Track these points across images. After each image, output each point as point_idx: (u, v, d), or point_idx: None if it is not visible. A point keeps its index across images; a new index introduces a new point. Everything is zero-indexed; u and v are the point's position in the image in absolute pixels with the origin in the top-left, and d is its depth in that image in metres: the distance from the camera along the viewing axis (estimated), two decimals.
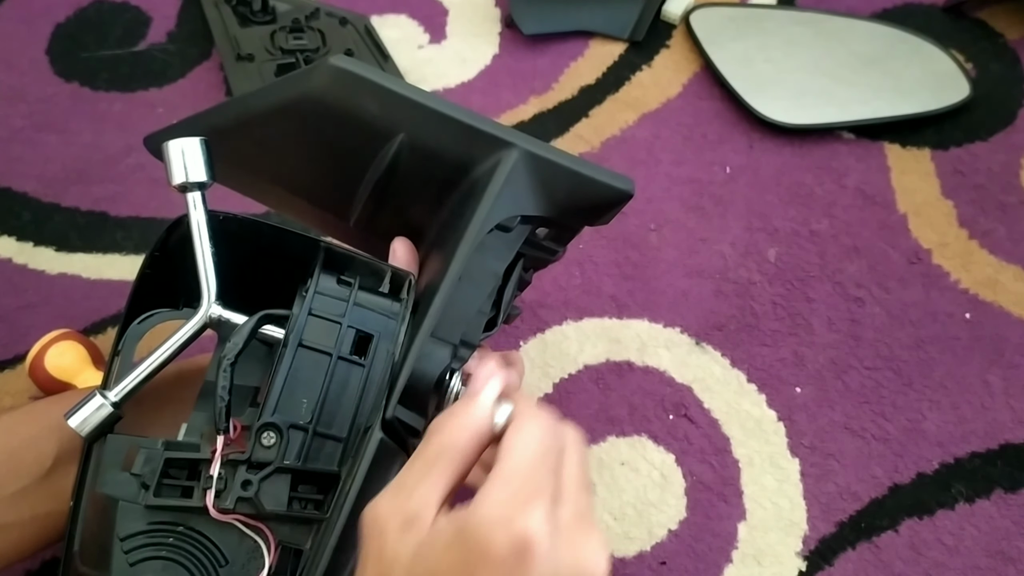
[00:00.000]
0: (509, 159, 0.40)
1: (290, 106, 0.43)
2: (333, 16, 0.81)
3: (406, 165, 0.42)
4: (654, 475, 0.57)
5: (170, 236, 0.42)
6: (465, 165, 0.41)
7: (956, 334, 0.62)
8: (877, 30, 0.80)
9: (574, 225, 0.44)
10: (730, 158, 0.73)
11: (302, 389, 0.38)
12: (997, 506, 0.55)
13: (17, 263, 0.66)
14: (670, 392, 0.60)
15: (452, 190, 0.42)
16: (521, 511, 0.28)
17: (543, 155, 0.41)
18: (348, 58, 0.40)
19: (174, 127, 0.46)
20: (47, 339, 0.57)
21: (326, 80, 0.41)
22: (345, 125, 0.42)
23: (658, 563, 0.53)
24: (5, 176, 0.71)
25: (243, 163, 0.46)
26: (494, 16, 0.84)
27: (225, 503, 0.36)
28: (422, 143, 0.41)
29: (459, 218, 0.40)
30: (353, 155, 0.43)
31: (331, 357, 0.38)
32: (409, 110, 0.40)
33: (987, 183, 0.71)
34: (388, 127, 0.41)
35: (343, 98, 0.41)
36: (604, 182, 0.42)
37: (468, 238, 0.39)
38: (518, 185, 0.40)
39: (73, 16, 0.82)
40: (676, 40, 0.81)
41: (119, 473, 0.38)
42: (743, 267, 0.66)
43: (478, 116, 0.41)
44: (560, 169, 0.41)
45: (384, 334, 0.39)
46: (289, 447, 0.37)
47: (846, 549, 0.54)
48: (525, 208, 0.41)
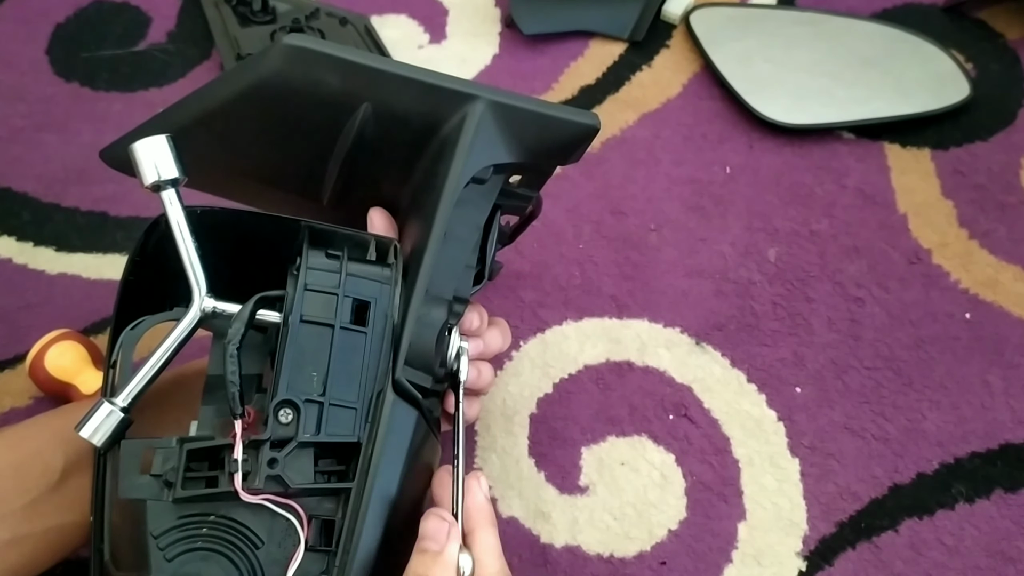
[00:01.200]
0: (475, 111, 0.40)
1: (248, 92, 0.42)
2: (333, 16, 0.81)
3: (373, 134, 0.42)
4: (654, 475, 0.57)
5: (148, 239, 0.42)
6: (432, 125, 0.41)
7: (956, 334, 0.62)
8: (877, 30, 0.80)
9: (546, 167, 0.45)
10: (730, 158, 0.73)
11: (309, 363, 0.38)
12: (997, 506, 0.55)
13: (17, 263, 0.66)
14: (670, 392, 0.60)
15: (421, 153, 0.43)
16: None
17: (507, 102, 0.41)
18: (301, 35, 0.40)
19: (132, 133, 0.45)
20: (47, 339, 0.57)
21: (281, 60, 0.40)
22: (306, 103, 0.42)
23: (658, 563, 0.53)
24: (5, 176, 0.71)
25: (207, 159, 0.46)
26: (494, 16, 0.84)
27: (254, 484, 0.37)
28: (387, 109, 0.41)
29: (433, 178, 0.41)
30: (318, 132, 0.43)
31: (332, 328, 0.38)
32: (370, 78, 0.40)
33: (987, 183, 0.71)
34: (350, 98, 0.41)
35: (301, 76, 0.41)
36: (570, 119, 0.42)
37: (447, 195, 0.39)
38: (487, 135, 0.41)
39: (73, 16, 0.83)
40: (676, 40, 0.81)
41: (139, 476, 0.38)
42: (743, 267, 0.66)
43: (439, 74, 0.41)
44: (526, 113, 0.41)
45: (380, 300, 0.40)
46: (306, 421, 0.37)
47: (846, 549, 0.54)
48: (498, 157, 0.41)
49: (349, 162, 0.44)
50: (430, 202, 0.40)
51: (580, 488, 0.56)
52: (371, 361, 0.39)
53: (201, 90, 0.44)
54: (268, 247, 0.42)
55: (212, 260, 0.41)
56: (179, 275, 0.41)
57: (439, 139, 0.42)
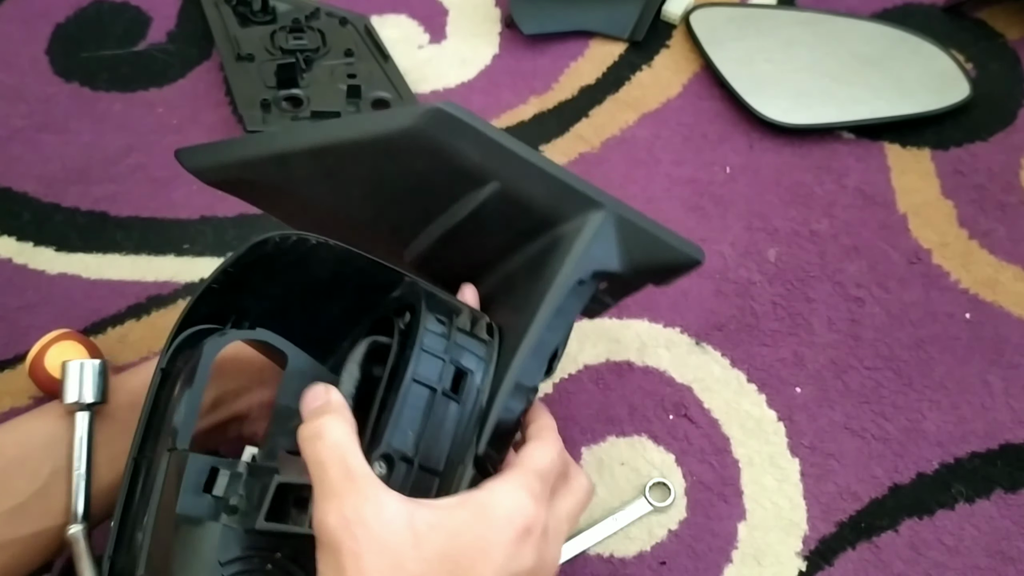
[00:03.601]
0: (598, 218, 0.42)
1: (382, 140, 0.43)
2: (333, 16, 0.81)
3: (491, 212, 0.44)
4: (654, 475, 0.57)
5: (248, 255, 0.41)
6: (552, 219, 0.43)
7: (956, 334, 0.62)
8: (877, 30, 0.80)
9: (640, 284, 0.47)
10: (730, 158, 0.73)
11: (408, 421, 0.38)
12: (997, 506, 0.55)
13: (17, 263, 0.66)
14: (670, 392, 0.60)
15: (531, 240, 0.44)
16: (533, 504, 0.36)
17: (630, 218, 0.44)
18: (456, 105, 0.42)
19: (227, 143, 0.46)
20: (47, 339, 0.57)
21: (427, 121, 0.42)
22: (437, 166, 0.43)
23: (658, 563, 0.53)
24: (5, 176, 0.71)
25: (301, 187, 0.46)
26: (494, 16, 0.84)
27: None
28: (515, 194, 0.43)
29: (541, 268, 0.43)
30: (434, 196, 0.44)
31: (435, 392, 0.39)
32: (509, 162, 0.42)
33: (987, 183, 0.71)
34: (483, 174, 0.43)
35: (444, 142, 0.42)
36: (680, 249, 0.45)
37: (554, 292, 0.41)
38: (604, 244, 0.43)
39: (73, 16, 0.83)
40: (676, 40, 0.81)
41: (199, 495, 0.37)
42: (743, 267, 0.66)
43: (573, 175, 0.43)
44: (643, 233, 0.44)
45: (475, 373, 0.41)
46: (394, 478, 0.37)
47: (846, 549, 0.54)
48: (607, 265, 0.43)
49: (453, 230, 0.45)
50: (533, 291, 0.42)
51: None
52: (458, 431, 0.39)
53: (326, 123, 0.46)
54: (343, 285, 0.43)
55: (288, 288, 0.42)
56: (254, 293, 0.42)
57: (555, 234, 0.43)
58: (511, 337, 0.41)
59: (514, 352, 0.41)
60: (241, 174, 0.47)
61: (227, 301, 0.43)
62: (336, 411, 0.36)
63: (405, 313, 0.42)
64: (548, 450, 0.39)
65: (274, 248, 0.41)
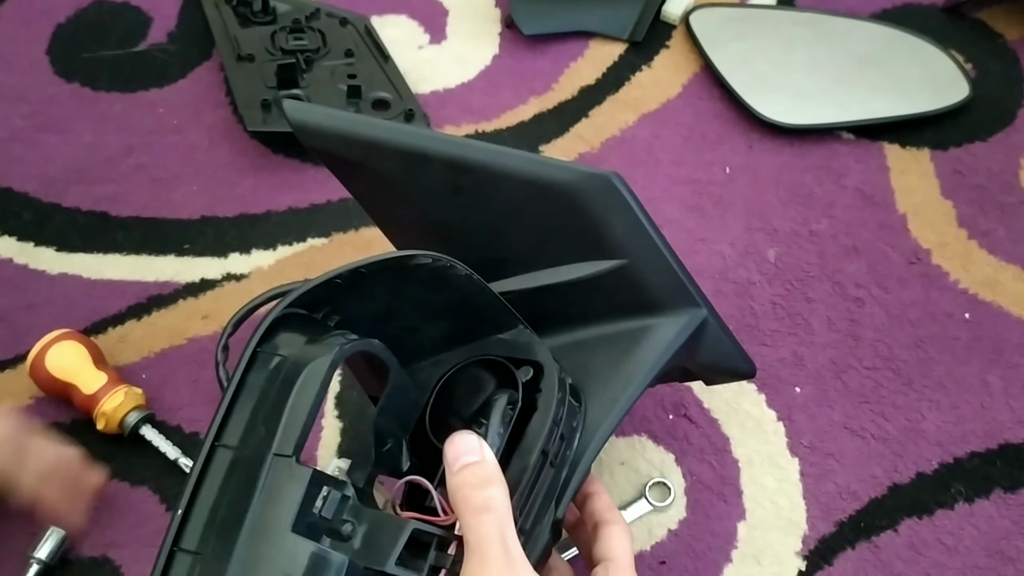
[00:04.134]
0: (697, 318, 0.44)
1: (535, 183, 0.43)
2: (333, 16, 0.81)
3: (605, 283, 0.45)
4: (654, 475, 0.57)
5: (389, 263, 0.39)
6: (656, 307, 0.45)
7: (955, 334, 0.63)
8: (876, 30, 0.80)
9: (694, 379, 0.50)
10: (730, 158, 0.73)
11: (525, 488, 0.39)
12: (996, 506, 0.55)
13: (18, 263, 0.66)
14: (669, 392, 0.60)
15: (625, 318, 0.45)
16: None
17: (718, 327, 0.45)
18: (621, 178, 0.43)
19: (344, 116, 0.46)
20: (48, 339, 0.57)
21: (593, 185, 0.43)
22: (577, 227, 0.44)
23: (658, 563, 0.54)
24: (6, 176, 0.71)
25: (415, 189, 0.46)
26: (494, 16, 0.84)
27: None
28: (636, 275, 0.44)
29: (632, 346, 0.44)
30: (560, 249, 0.45)
31: (547, 459, 0.39)
32: (646, 245, 0.44)
33: (986, 183, 0.71)
34: (618, 249, 0.44)
35: (597, 208, 0.43)
36: (744, 362, 0.48)
37: (646, 375, 0.43)
38: (690, 342, 0.45)
39: (73, 16, 0.83)
40: (676, 40, 0.82)
41: (309, 512, 0.34)
42: (742, 267, 0.66)
43: (686, 270, 0.45)
44: (722, 341, 0.46)
45: (569, 440, 0.41)
46: None
47: (845, 549, 0.54)
48: (685, 361, 0.46)
49: (558, 286, 0.46)
50: (618, 370, 0.43)
51: None
52: (548, 495, 0.40)
53: (477, 143, 0.45)
54: (457, 313, 0.43)
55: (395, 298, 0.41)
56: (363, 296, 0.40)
57: (652, 321, 0.45)
58: (590, 406, 0.43)
59: (596, 426, 0.42)
60: (356, 154, 0.46)
61: (331, 295, 0.40)
62: (500, 481, 0.36)
63: (525, 368, 0.42)
64: (625, 535, 0.42)
65: (417, 265, 0.39)
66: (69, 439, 0.58)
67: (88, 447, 0.57)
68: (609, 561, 0.41)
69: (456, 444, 0.37)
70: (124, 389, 0.56)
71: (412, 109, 0.73)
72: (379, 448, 0.41)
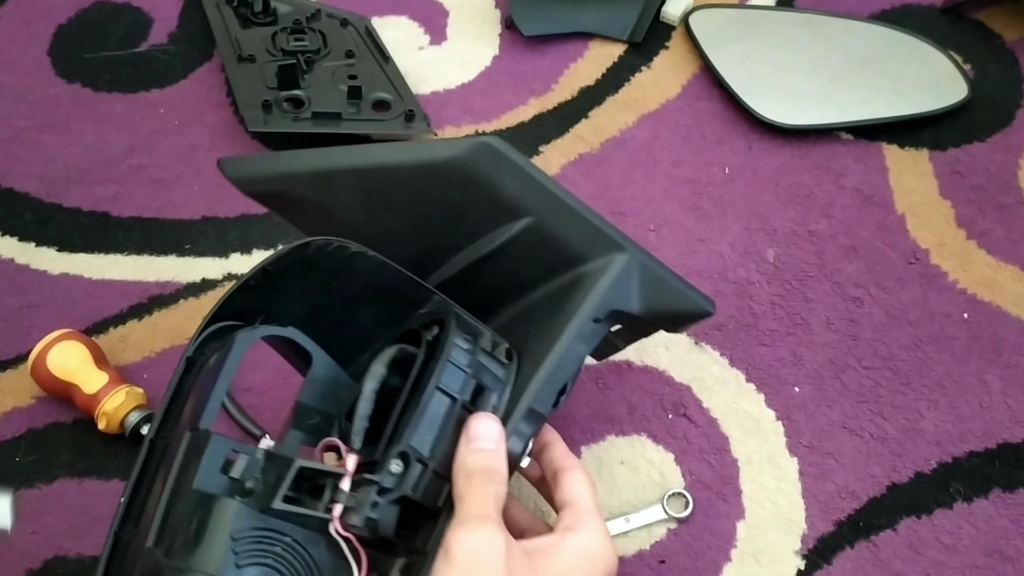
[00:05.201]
0: (621, 261, 0.45)
1: (426, 167, 0.46)
2: (334, 17, 0.81)
3: (521, 246, 0.46)
4: (653, 474, 0.57)
5: (289, 255, 0.43)
6: (578, 258, 0.46)
7: (954, 334, 0.63)
8: (875, 31, 0.81)
9: (651, 330, 0.50)
10: (729, 159, 0.73)
11: (426, 426, 0.40)
12: (995, 505, 0.55)
13: (19, 263, 0.66)
14: (669, 391, 0.60)
15: (554, 276, 0.47)
16: (610, 543, 0.42)
17: (649, 264, 0.46)
18: (501, 140, 0.44)
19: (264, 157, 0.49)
20: (49, 339, 0.58)
21: (476, 154, 0.44)
22: (476, 198, 0.45)
23: (657, 562, 0.54)
24: (7, 177, 0.71)
25: (337, 207, 0.49)
26: (494, 17, 0.84)
27: (352, 520, 0.37)
28: (546, 231, 0.45)
29: (562, 302, 0.45)
30: (469, 225, 0.47)
31: (455, 402, 0.41)
32: (545, 199, 0.45)
33: (985, 183, 0.71)
34: (519, 209, 0.45)
35: (486, 174, 0.45)
36: (694, 299, 0.48)
37: (573, 326, 0.43)
38: (623, 285, 0.45)
39: (75, 17, 0.83)
40: (675, 41, 0.82)
41: (218, 475, 0.38)
42: (742, 267, 0.66)
43: (602, 218, 0.46)
44: (662, 280, 0.46)
45: (493, 391, 0.43)
46: (409, 477, 0.39)
47: (844, 548, 0.54)
48: (624, 305, 0.45)
49: (481, 260, 0.47)
50: (551, 324, 0.44)
51: None
52: None
53: (373, 145, 0.49)
54: (375, 297, 0.45)
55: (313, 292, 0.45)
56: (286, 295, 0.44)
57: (578, 272, 0.46)
58: (527, 364, 0.44)
59: (530, 378, 0.43)
60: (281, 187, 0.49)
61: (259, 300, 0.44)
62: (504, 472, 0.40)
63: (432, 327, 0.44)
64: (584, 480, 0.44)
65: (315, 251, 0.42)
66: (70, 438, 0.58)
67: (89, 447, 0.57)
68: (572, 505, 0.42)
69: (479, 425, 0.41)
70: (125, 389, 0.56)
71: (412, 110, 0.73)
72: (301, 422, 0.43)
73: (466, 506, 0.38)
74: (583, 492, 0.43)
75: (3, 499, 0.45)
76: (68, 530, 0.55)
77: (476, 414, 0.41)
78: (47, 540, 0.54)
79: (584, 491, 0.43)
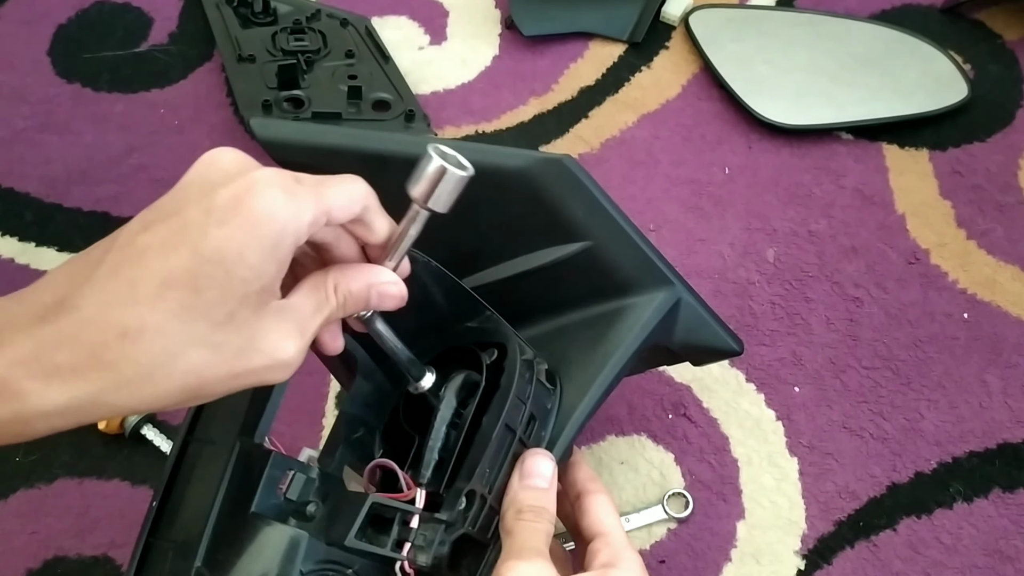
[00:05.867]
0: (669, 296, 0.45)
1: (492, 173, 0.43)
2: (334, 17, 0.81)
3: (573, 267, 0.45)
4: (653, 474, 0.57)
5: None
6: (626, 288, 0.45)
7: (954, 334, 0.63)
8: (875, 31, 0.80)
9: (679, 360, 0.49)
10: (729, 159, 0.73)
11: (487, 460, 0.39)
12: (995, 505, 0.55)
13: (19, 263, 0.66)
14: (669, 391, 0.60)
15: (600, 302, 0.46)
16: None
17: (694, 304, 0.46)
18: (575, 161, 0.44)
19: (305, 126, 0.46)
20: None
21: (548, 170, 0.43)
22: (538, 213, 0.44)
23: (657, 562, 0.54)
24: (7, 177, 0.71)
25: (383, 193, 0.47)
26: (494, 17, 0.84)
27: (420, 560, 0.37)
28: (602, 257, 0.45)
29: (606, 330, 0.45)
30: (525, 238, 0.46)
31: (515, 435, 0.40)
32: (607, 226, 0.44)
33: (985, 183, 0.71)
34: (579, 232, 0.44)
35: (555, 192, 0.44)
36: (727, 339, 0.48)
37: (619, 357, 0.43)
38: (666, 320, 0.45)
39: (75, 17, 0.83)
40: (675, 41, 0.82)
41: (274, 495, 0.37)
42: (742, 267, 0.66)
43: (656, 250, 0.45)
44: (701, 319, 0.46)
45: (544, 419, 0.42)
46: (472, 514, 0.38)
47: (844, 548, 0.54)
48: (663, 340, 0.46)
49: (529, 273, 0.46)
50: (594, 352, 0.44)
51: None
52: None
53: (430, 138, 0.46)
54: (424, 304, 0.43)
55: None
56: None
57: (624, 302, 0.45)
58: (569, 392, 0.43)
59: (573, 409, 0.42)
60: (318, 162, 0.46)
61: None
62: (553, 510, 0.40)
63: (490, 349, 0.43)
64: (610, 505, 0.42)
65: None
66: (70, 438, 0.58)
67: (89, 447, 0.57)
68: (605, 535, 0.41)
69: (536, 463, 0.40)
70: None
71: (412, 110, 0.73)
72: (349, 435, 0.42)
73: (517, 540, 0.38)
74: (613, 522, 0.41)
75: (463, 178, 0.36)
76: (68, 530, 0.55)
77: (532, 450, 0.40)
78: (47, 540, 0.54)
79: (614, 521, 0.42)
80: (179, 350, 0.29)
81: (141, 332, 0.28)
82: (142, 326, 0.28)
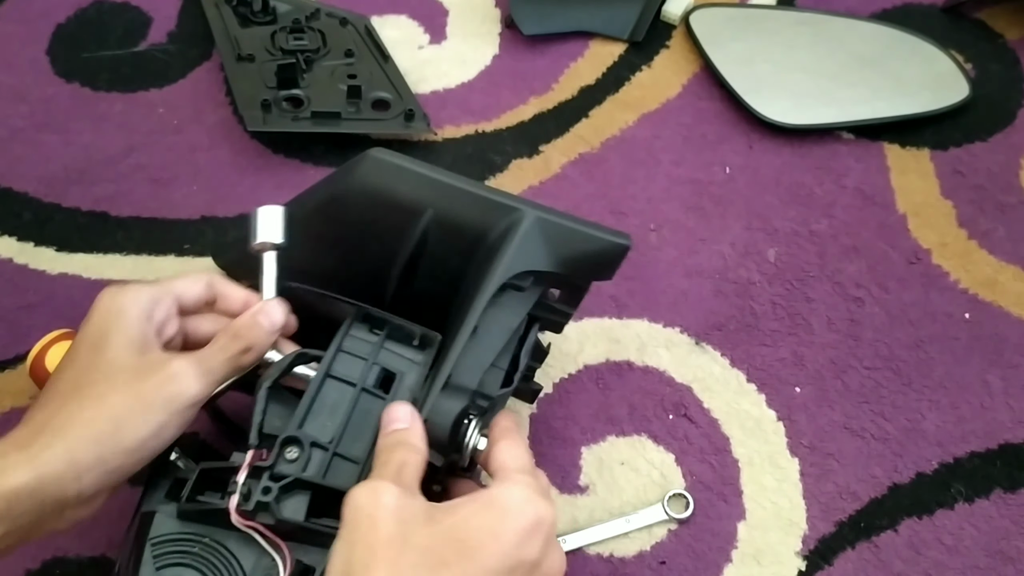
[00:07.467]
0: (520, 223, 0.45)
1: (332, 199, 0.49)
2: (333, 16, 0.81)
3: (433, 239, 0.48)
4: (654, 475, 0.57)
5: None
6: (482, 234, 0.47)
7: (955, 334, 0.63)
8: (877, 30, 0.80)
9: (580, 281, 0.49)
10: (730, 158, 0.73)
11: (327, 413, 0.42)
12: (996, 506, 0.55)
13: (18, 263, 0.66)
14: (670, 392, 0.60)
15: (471, 260, 0.47)
16: (543, 500, 0.38)
17: (549, 218, 0.46)
18: (385, 149, 0.47)
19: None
20: (48, 339, 0.57)
21: (366, 169, 0.47)
22: (379, 208, 0.48)
23: (658, 563, 0.54)
24: (6, 176, 0.71)
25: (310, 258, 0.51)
26: (494, 16, 0.84)
27: (245, 507, 0.39)
28: (446, 217, 0.47)
29: (477, 279, 0.46)
30: (387, 236, 0.49)
31: (356, 388, 0.43)
32: (433, 188, 0.47)
33: (986, 183, 0.71)
34: (418, 205, 0.47)
35: (379, 183, 0.47)
36: (604, 238, 0.47)
37: (482, 293, 0.44)
38: (529, 245, 0.45)
39: (73, 16, 0.83)
40: (676, 40, 0.82)
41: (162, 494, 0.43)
42: (743, 267, 0.66)
43: (492, 189, 0.47)
44: (565, 229, 0.46)
45: (408, 375, 0.44)
46: (310, 463, 0.41)
47: (845, 549, 0.54)
48: (535, 264, 0.46)
49: (408, 265, 0.49)
50: (471, 303, 0.45)
51: (580, 487, 0.56)
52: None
53: (299, 197, 0.52)
54: (311, 324, 0.48)
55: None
56: None
57: (486, 246, 0.47)
58: (450, 345, 0.44)
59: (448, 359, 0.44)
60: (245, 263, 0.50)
61: None
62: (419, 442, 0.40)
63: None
64: (513, 446, 0.41)
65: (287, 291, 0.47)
66: None
67: None
68: (497, 471, 0.40)
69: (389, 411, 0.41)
70: None
71: (412, 109, 0.73)
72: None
73: (374, 473, 0.38)
74: (510, 454, 0.41)
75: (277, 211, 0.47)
76: (68, 530, 0.54)
77: (388, 406, 0.42)
78: (47, 540, 0.54)
79: (512, 453, 0.41)
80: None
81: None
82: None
